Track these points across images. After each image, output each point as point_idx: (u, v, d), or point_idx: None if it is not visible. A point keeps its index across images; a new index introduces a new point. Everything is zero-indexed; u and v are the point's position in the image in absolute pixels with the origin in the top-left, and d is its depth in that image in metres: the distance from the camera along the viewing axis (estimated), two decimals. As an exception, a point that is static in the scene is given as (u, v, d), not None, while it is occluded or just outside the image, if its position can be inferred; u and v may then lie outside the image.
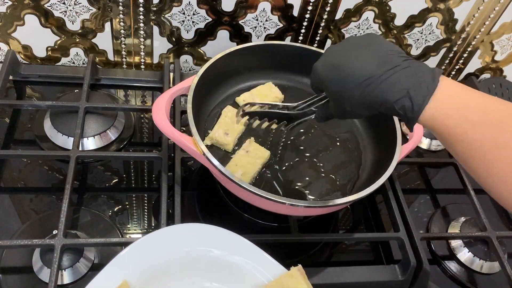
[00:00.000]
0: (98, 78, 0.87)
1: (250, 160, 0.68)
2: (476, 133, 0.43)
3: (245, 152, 0.69)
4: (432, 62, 0.99)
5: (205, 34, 0.86)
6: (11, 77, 0.83)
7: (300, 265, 0.56)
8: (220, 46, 0.87)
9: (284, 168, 0.71)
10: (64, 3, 0.78)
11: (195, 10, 0.81)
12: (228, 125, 0.71)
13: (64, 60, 0.88)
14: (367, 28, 0.89)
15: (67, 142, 0.75)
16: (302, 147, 0.74)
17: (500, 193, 0.45)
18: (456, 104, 0.44)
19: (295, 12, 0.84)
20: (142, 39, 0.86)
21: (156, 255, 0.55)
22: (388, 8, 0.86)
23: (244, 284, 0.55)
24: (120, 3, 0.79)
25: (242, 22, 0.85)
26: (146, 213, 0.72)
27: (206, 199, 0.75)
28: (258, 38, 0.88)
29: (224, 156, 0.70)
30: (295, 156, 0.73)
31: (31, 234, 0.65)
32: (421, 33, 0.92)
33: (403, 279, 0.68)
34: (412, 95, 0.44)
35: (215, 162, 0.59)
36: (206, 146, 0.61)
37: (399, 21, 0.89)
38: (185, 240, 0.56)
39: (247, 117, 0.63)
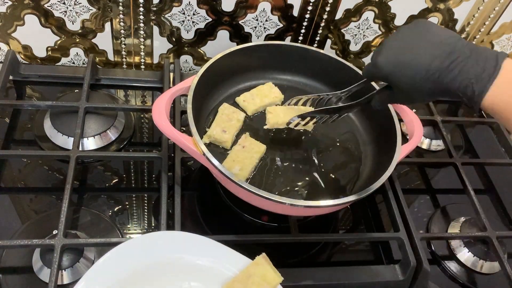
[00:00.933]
0: (98, 78, 0.87)
1: (247, 155, 0.68)
2: None
3: (242, 147, 0.69)
4: (432, 62, 0.99)
5: (205, 34, 0.86)
6: (11, 77, 0.83)
7: (264, 253, 0.58)
8: (220, 46, 0.88)
9: (284, 167, 0.71)
10: (64, 3, 0.78)
11: (195, 10, 0.81)
12: (225, 123, 0.71)
13: (64, 60, 0.88)
14: (367, 28, 0.89)
15: (67, 142, 0.75)
16: (302, 147, 0.74)
17: None
18: None
19: (295, 12, 0.84)
20: (142, 39, 0.86)
21: (130, 264, 0.55)
22: (388, 8, 0.86)
23: (216, 280, 0.57)
24: (120, 3, 0.79)
25: (242, 22, 0.85)
26: (146, 213, 0.72)
27: (206, 199, 0.75)
28: (258, 38, 0.88)
29: (223, 153, 0.70)
30: (295, 156, 0.73)
31: (31, 234, 0.65)
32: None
33: (403, 279, 0.68)
34: (474, 84, 0.47)
35: (215, 162, 0.59)
36: (204, 144, 0.61)
37: (399, 21, 0.89)
38: (158, 248, 0.57)
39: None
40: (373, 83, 0.70)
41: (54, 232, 0.62)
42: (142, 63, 0.91)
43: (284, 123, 0.73)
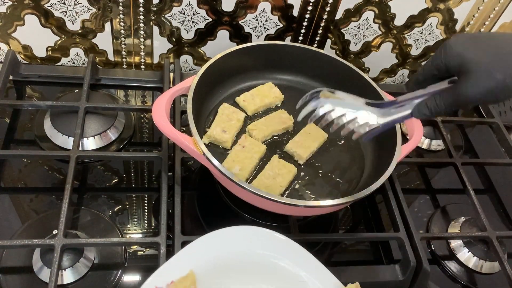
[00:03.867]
0: (98, 78, 0.87)
1: (247, 155, 0.68)
2: None
3: (242, 147, 0.69)
4: (432, 62, 0.99)
5: (205, 34, 0.86)
6: (11, 77, 0.83)
7: (357, 283, 0.56)
8: (220, 46, 0.87)
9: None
10: (64, 3, 0.78)
11: (195, 10, 0.81)
12: (225, 123, 0.71)
13: (64, 60, 0.88)
14: (367, 28, 0.89)
15: (67, 142, 0.75)
16: (302, 147, 0.74)
17: None
18: None
19: (295, 12, 0.84)
20: (142, 39, 0.86)
21: (221, 252, 0.56)
22: (388, 8, 0.86)
23: None
24: (120, 3, 0.79)
25: (242, 22, 0.85)
26: (146, 213, 0.72)
27: (206, 199, 0.75)
28: (258, 38, 0.88)
29: (223, 153, 0.70)
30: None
31: (31, 234, 0.65)
32: (421, 33, 0.92)
33: (403, 279, 0.68)
34: None
35: (215, 162, 0.59)
36: (204, 144, 0.61)
37: (399, 21, 0.89)
38: (251, 243, 0.57)
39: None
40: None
41: (54, 232, 0.62)
42: (142, 63, 0.91)
43: (271, 134, 0.73)
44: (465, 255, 0.74)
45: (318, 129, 0.75)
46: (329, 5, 0.84)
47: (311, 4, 0.83)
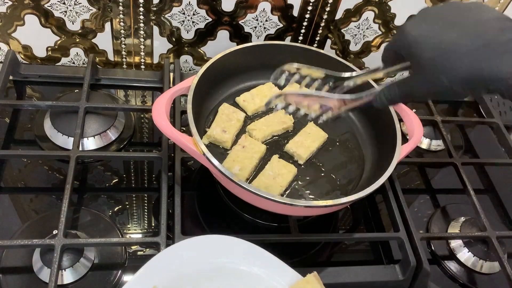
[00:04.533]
0: (98, 78, 0.87)
1: (247, 155, 0.68)
2: None
3: (242, 147, 0.69)
4: (432, 62, 0.99)
5: (205, 34, 0.86)
6: (11, 77, 0.83)
7: (315, 272, 0.58)
8: (220, 46, 0.88)
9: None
10: (64, 3, 0.78)
11: (195, 10, 0.81)
12: (225, 123, 0.71)
13: (64, 60, 0.88)
14: (367, 28, 0.89)
15: (67, 142, 0.75)
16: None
17: None
18: None
19: (295, 12, 0.84)
20: (142, 39, 0.86)
21: (184, 264, 0.56)
22: (388, 8, 0.86)
23: None
24: (120, 3, 0.79)
25: (242, 22, 0.85)
26: (146, 213, 0.72)
27: (206, 199, 0.75)
28: (258, 38, 0.88)
29: (223, 153, 0.70)
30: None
31: (31, 234, 0.65)
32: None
33: (403, 279, 0.68)
34: None
35: (215, 162, 0.59)
36: (204, 144, 0.61)
37: (399, 21, 0.89)
38: (210, 251, 0.57)
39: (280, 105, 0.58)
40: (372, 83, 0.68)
41: (54, 232, 0.62)
42: (142, 63, 0.91)
43: (271, 134, 0.73)
44: (465, 255, 0.74)
45: (318, 129, 0.75)
46: (329, 5, 0.84)
47: (311, 4, 0.83)
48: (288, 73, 0.60)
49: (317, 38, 0.90)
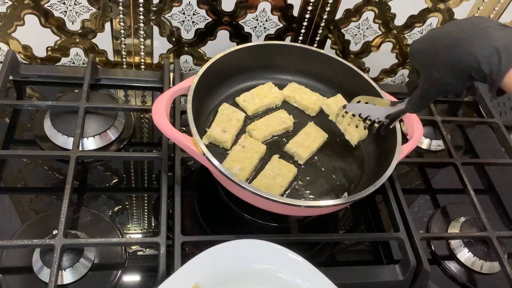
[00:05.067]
0: (98, 78, 0.87)
1: (247, 155, 0.68)
2: None
3: (242, 148, 0.69)
4: (432, 62, 0.99)
5: (205, 34, 0.86)
6: (11, 77, 0.83)
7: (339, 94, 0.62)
8: (220, 46, 0.87)
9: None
10: (64, 3, 0.78)
11: (195, 10, 0.81)
12: (225, 123, 0.71)
13: (64, 60, 0.88)
14: (367, 28, 0.89)
15: (67, 142, 0.75)
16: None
17: None
18: None
19: (295, 12, 0.84)
20: (142, 39, 0.86)
21: (226, 266, 0.56)
22: (388, 8, 0.86)
23: None
24: (120, 3, 0.79)
25: (242, 22, 0.85)
26: (146, 213, 0.72)
27: (206, 199, 0.75)
28: (258, 38, 0.88)
29: (223, 153, 0.70)
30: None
31: (31, 234, 0.65)
32: (421, 33, 0.92)
33: (403, 279, 0.68)
34: (502, 52, 0.43)
35: (215, 162, 0.59)
36: (204, 144, 0.61)
37: (399, 21, 0.89)
38: (252, 256, 0.58)
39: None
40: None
41: (54, 232, 0.62)
42: (142, 63, 0.91)
43: (271, 134, 0.73)
44: (465, 255, 0.74)
45: (318, 129, 0.75)
46: (329, 5, 0.83)
47: (311, 4, 0.83)
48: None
49: (317, 38, 0.90)
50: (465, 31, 0.46)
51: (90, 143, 0.76)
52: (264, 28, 0.86)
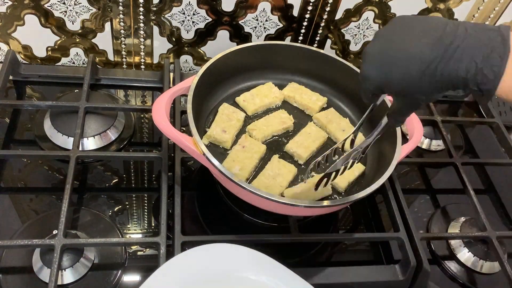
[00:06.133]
0: (98, 78, 0.87)
1: (247, 155, 0.68)
2: None
3: (242, 147, 0.69)
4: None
5: (205, 34, 0.86)
6: (11, 77, 0.83)
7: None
8: (220, 46, 0.87)
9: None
10: (64, 3, 0.78)
11: (195, 10, 0.81)
12: (225, 123, 0.71)
13: (64, 60, 0.88)
14: (367, 28, 0.89)
15: (67, 142, 0.75)
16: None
17: None
18: None
19: (295, 12, 0.84)
20: (142, 39, 0.86)
21: (191, 273, 0.56)
22: (388, 8, 0.86)
23: None
24: (120, 3, 0.79)
25: (242, 22, 0.85)
26: (146, 213, 0.72)
27: (206, 199, 0.75)
28: (258, 38, 0.88)
29: (223, 153, 0.70)
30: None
31: (31, 234, 0.65)
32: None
33: (403, 279, 0.68)
34: (485, 68, 0.39)
35: (215, 162, 0.59)
36: (204, 144, 0.61)
37: (399, 21, 0.89)
38: (218, 260, 0.57)
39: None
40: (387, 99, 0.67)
41: (54, 232, 0.62)
42: (142, 63, 0.91)
43: (271, 134, 0.73)
44: (465, 255, 0.74)
45: (318, 129, 0.75)
46: (329, 5, 0.84)
47: (311, 4, 0.83)
48: None
49: (317, 38, 0.90)
50: (434, 49, 0.42)
51: (90, 143, 0.76)
52: (264, 28, 0.86)
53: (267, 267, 0.58)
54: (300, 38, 0.89)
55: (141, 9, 0.80)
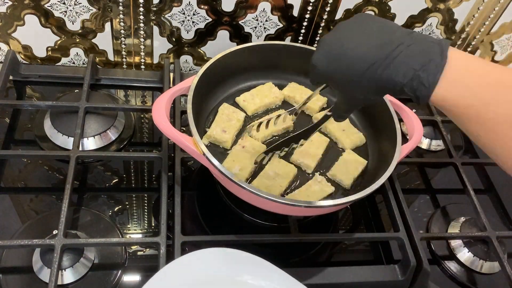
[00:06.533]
0: (98, 78, 0.87)
1: (246, 155, 0.68)
2: (489, 112, 0.40)
3: (241, 148, 0.69)
4: (432, 62, 0.99)
5: (205, 34, 0.86)
6: (11, 77, 0.83)
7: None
8: (220, 46, 0.88)
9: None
10: (64, 3, 0.78)
11: (195, 10, 0.81)
12: (225, 123, 0.71)
13: (64, 60, 0.88)
14: (367, 28, 0.89)
15: (67, 142, 0.75)
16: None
17: None
18: (467, 83, 0.41)
19: (295, 12, 0.84)
20: (142, 39, 0.86)
21: (188, 278, 0.55)
22: (388, 8, 0.86)
23: None
24: (120, 3, 0.79)
25: (242, 22, 0.85)
26: (146, 213, 0.72)
27: (206, 199, 0.75)
28: (258, 38, 0.88)
29: (223, 153, 0.70)
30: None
31: (31, 234, 0.65)
32: (421, 33, 0.92)
33: (403, 279, 0.68)
34: (421, 76, 0.42)
35: (215, 162, 0.59)
36: (204, 144, 0.61)
37: (399, 21, 0.89)
38: (216, 264, 0.57)
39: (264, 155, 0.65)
40: None
41: (54, 232, 0.62)
42: (142, 63, 0.91)
43: (271, 134, 0.73)
44: (465, 255, 0.74)
45: (319, 134, 0.74)
46: (329, 5, 0.84)
47: (311, 4, 0.83)
48: None
49: (317, 38, 0.90)
50: (379, 52, 0.44)
51: (90, 143, 0.76)
52: (264, 28, 0.86)
53: (265, 271, 0.58)
54: (300, 38, 0.89)
55: (141, 9, 0.80)
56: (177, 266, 0.55)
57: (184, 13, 0.82)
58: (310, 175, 0.71)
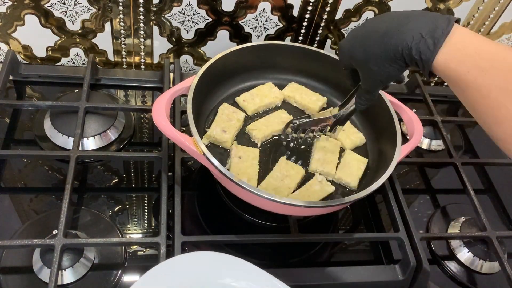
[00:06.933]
0: (98, 78, 0.87)
1: (247, 164, 0.68)
2: (485, 79, 0.43)
3: (239, 159, 0.68)
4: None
5: (205, 34, 0.86)
6: (11, 77, 0.83)
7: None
8: (220, 46, 0.88)
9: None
10: (64, 3, 0.78)
11: (195, 10, 0.81)
12: (225, 123, 0.71)
13: (64, 60, 0.88)
14: (367, 28, 0.89)
15: (67, 142, 0.75)
16: (302, 147, 0.74)
17: (505, 139, 0.45)
18: (468, 51, 0.45)
19: (295, 12, 0.84)
20: (142, 39, 0.86)
21: (174, 281, 0.55)
22: (388, 8, 0.86)
23: None
24: (120, 3, 0.79)
25: (242, 22, 0.85)
26: (146, 213, 0.72)
27: (206, 199, 0.75)
28: (258, 38, 0.88)
29: (223, 154, 0.70)
30: (296, 156, 0.73)
31: (31, 234, 0.65)
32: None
33: (403, 279, 0.68)
34: (427, 38, 0.46)
35: (215, 162, 0.59)
36: (204, 144, 0.61)
37: (399, 21, 0.89)
38: (201, 268, 0.57)
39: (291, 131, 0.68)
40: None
41: (54, 232, 0.62)
42: (142, 63, 0.91)
43: (271, 134, 0.73)
44: (465, 255, 0.74)
45: (329, 139, 0.74)
46: (329, 5, 0.84)
47: (311, 4, 0.83)
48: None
49: (317, 38, 0.90)
50: (392, 22, 0.49)
51: (90, 143, 0.76)
52: (264, 28, 0.86)
53: (247, 273, 0.57)
54: (300, 38, 0.89)
55: (141, 9, 0.80)
56: (159, 271, 0.55)
57: (184, 13, 0.82)
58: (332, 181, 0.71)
